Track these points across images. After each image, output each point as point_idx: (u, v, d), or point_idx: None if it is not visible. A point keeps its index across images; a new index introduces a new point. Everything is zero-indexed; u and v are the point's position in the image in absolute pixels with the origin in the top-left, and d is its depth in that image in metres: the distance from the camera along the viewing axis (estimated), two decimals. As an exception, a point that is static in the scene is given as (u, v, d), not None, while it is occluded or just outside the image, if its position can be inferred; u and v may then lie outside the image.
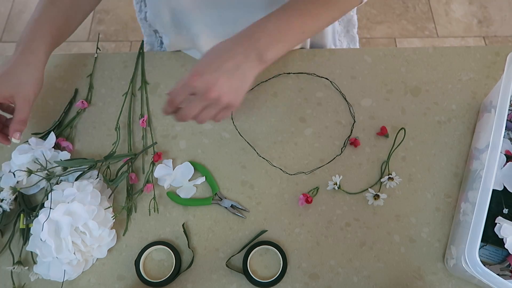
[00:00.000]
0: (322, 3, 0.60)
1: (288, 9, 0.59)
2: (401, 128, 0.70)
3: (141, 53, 0.80)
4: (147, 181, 0.67)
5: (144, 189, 0.66)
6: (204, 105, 0.55)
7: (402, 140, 0.70)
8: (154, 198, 0.66)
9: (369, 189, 0.66)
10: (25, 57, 0.63)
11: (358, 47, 0.94)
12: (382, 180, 0.67)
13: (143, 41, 0.83)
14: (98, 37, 0.86)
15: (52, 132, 0.69)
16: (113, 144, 0.70)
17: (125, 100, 0.75)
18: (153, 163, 0.69)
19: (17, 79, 0.61)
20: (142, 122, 0.71)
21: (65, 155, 0.68)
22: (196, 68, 0.55)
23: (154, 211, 0.66)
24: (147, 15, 0.84)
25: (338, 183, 0.66)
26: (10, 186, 0.64)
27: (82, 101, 0.74)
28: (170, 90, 0.56)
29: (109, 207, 0.63)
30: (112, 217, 0.63)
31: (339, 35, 0.88)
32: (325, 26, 0.64)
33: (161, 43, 0.89)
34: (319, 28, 0.63)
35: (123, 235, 0.64)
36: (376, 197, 0.65)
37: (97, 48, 0.81)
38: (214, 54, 0.56)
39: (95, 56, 0.79)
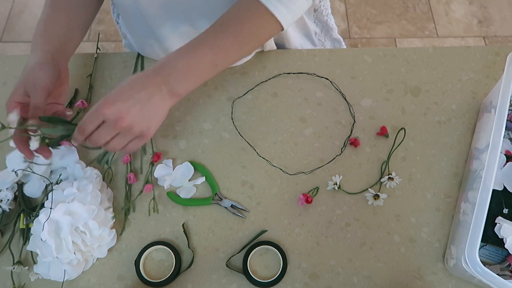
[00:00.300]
0: (234, 36, 0.60)
1: (199, 44, 0.60)
2: (401, 128, 0.70)
3: (140, 55, 0.80)
4: (147, 182, 0.67)
5: (143, 189, 0.66)
6: (115, 133, 0.56)
7: (402, 140, 0.70)
8: (153, 198, 0.66)
9: (369, 189, 0.66)
10: (29, 61, 0.64)
11: (344, 47, 0.93)
12: (382, 180, 0.67)
13: None
14: (98, 37, 0.86)
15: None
16: None
17: None
18: (152, 164, 0.69)
19: (24, 77, 0.63)
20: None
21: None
22: (107, 96, 0.55)
23: (154, 211, 0.66)
24: (119, 19, 0.84)
25: (338, 183, 0.66)
26: (15, 182, 0.64)
27: (82, 101, 0.74)
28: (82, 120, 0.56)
29: (109, 207, 0.63)
30: (112, 217, 0.63)
31: (318, 35, 0.88)
32: (243, 56, 0.65)
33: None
34: (235, 59, 0.64)
35: (120, 234, 0.64)
36: (376, 197, 0.65)
37: (97, 48, 0.81)
38: (127, 85, 0.56)
39: (95, 56, 0.79)
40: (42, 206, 0.61)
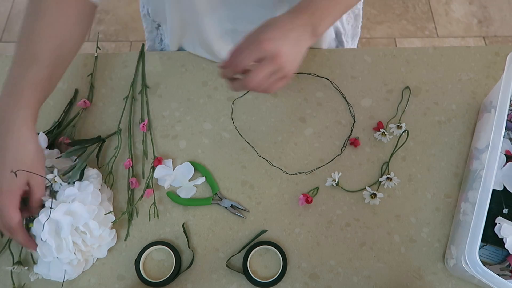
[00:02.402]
0: None
1: None
2: (405, 130, 0.70)
3: (141, 56, 0.79)
4: (147, 186, 0.67)
5: (144, 194, 0.66)
6: (271, 71, 0.55)
7: (405, 142, 0.70)
8: (154, 203, 0.66)
9: (366, 187, 0.66)
10: (15, 133, 0.56)
11: (357, 42, 0.94)
12: (380, 179, 0.67)
13: (143, 44, 0.82)
14: (98, 37, 0.86)
15: (41, 132, 0.68)
16: (115, 149, 0.70)
17: (125, 104, 0.75)
18: (154, 168, 0.68)
19: (24, 165, 0.56)
20: (143, 126, 0.71)
21: (57, 152, 0.68)
22: (265, 34, 0.54)
23: (154, 216, 0.66)
24: (149, 11, 0.84)
25: (336, 180, 0.66)
26: None
27: (84, 100, 0.74)
28: (232, 54, 0.55)
29: (109, 212, 0.63)
30: (112, 222, 0.63)
31: (346, 35, 0.88)
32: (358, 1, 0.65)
33: (161, 40, 0.89)
34: (356, 3, 0.64)
35: (125, 240, 0.64)
36: (373, 195, 0.65)
37: (97, 47, 0.81)
38: (275, 24, 0.56)
39: (95, 55, 0.79)
40: (42, 206, 0.61)
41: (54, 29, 0.60)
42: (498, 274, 0.48)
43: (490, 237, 0.57)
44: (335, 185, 0.66)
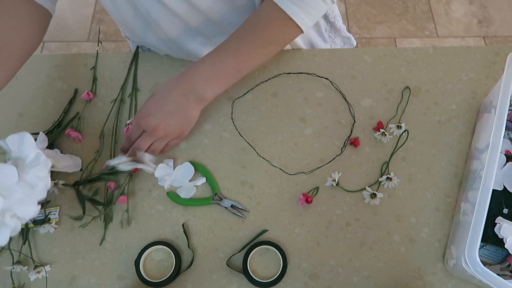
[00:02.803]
0: (256, 41, 0.64)
1: (223, 51, 0.64)
2: (405, 130, 0.70)
3: (135, 58, 0.79)
4: (122, 193, 0.66)
5: (117, 202, 0.65)
6: (153, 140, 0.64)
7: (405, 142, 0.70)
8: (127, 211, 0.65)
9: (366, 187, 0.66)
10: None
11: (355, 44, 0.94)
12: (380, 179, 0.67)
13: (138, 46, 0.82)
14: (99, 31, 0.86)
15: (41, 132, 0.67)
16: (95, 152, 0.70)
17: (113, 106, 0.74)
18: (131, 175, 0.68)
19: None
20: (126, 130, 0.70)
21: (57, 152, 0.68)
22: (142, 109, 0.63)
23: (127, 223, 0.65)
24: (126, 33, 0.85)
25: (336, 180, 0.66)
26: None
27: (88, 92, 0.74)
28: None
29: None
30: (82, 226, 0.61)
31: (329, 31, 0.88)
32: (266, 59, 0.68)
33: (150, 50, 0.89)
34: (258, 63, 0.68)
35: (100, 244, 0.64)
36: (373, 195, 0.65)
37: (99, 41, 0.80)
38: (158, 97, 0.63)
39: (97, 49, 0.79)
40: None
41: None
42: (498, 274, 0.48)
43: (490, 237, 0.57)
44: (335, 185, 0.66)
